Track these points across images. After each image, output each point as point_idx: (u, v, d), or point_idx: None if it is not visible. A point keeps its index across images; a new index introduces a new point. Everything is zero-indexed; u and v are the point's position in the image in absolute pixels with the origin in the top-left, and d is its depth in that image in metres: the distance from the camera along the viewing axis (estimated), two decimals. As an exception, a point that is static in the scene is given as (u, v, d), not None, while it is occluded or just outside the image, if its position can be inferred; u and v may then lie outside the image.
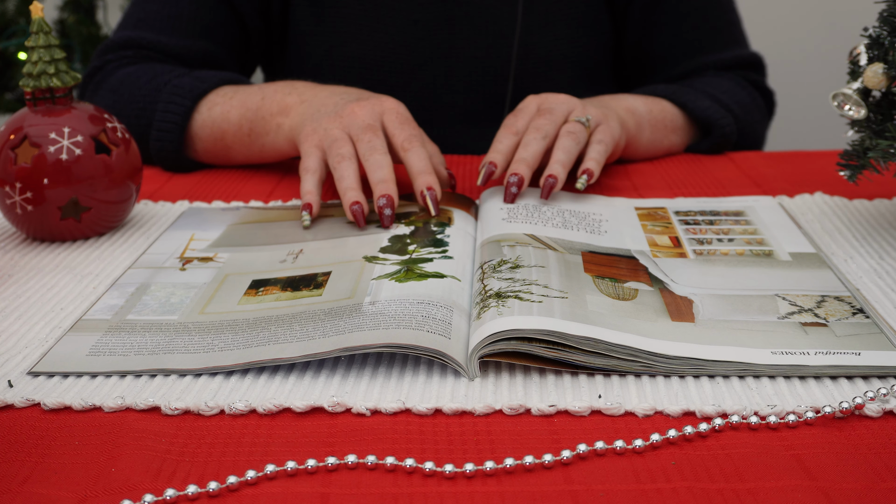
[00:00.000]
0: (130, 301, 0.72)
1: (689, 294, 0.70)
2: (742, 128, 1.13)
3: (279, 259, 0.79)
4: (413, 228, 0.83)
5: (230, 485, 0.51)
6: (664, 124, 1.09)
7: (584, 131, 0.92)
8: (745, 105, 1.15)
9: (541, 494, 0.50)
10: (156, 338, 0.67)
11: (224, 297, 0.73)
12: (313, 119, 0.93)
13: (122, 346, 0.66)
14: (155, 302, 0.72)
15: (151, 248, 0.83)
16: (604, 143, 0.93)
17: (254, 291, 0.73)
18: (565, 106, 0.94)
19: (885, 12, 0.78)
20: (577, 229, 0.82)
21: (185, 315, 0.70)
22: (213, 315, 0.70)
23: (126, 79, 1.10)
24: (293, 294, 0.72)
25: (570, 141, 0.90)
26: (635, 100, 1.08)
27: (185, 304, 0.72)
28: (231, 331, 0.67)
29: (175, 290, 0.74)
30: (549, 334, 0.61)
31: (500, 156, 0.90)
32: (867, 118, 0.79)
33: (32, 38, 0.85)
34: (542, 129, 0.91)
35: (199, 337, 0.66)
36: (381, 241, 0.80)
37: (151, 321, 0.69)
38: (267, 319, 0.68)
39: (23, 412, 0.59)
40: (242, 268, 0.78)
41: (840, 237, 0.83)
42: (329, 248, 0.81)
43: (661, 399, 0.59)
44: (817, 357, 0.61)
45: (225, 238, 0.85)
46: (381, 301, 0.67)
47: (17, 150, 0.83)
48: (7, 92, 2.19)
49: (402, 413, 0.58)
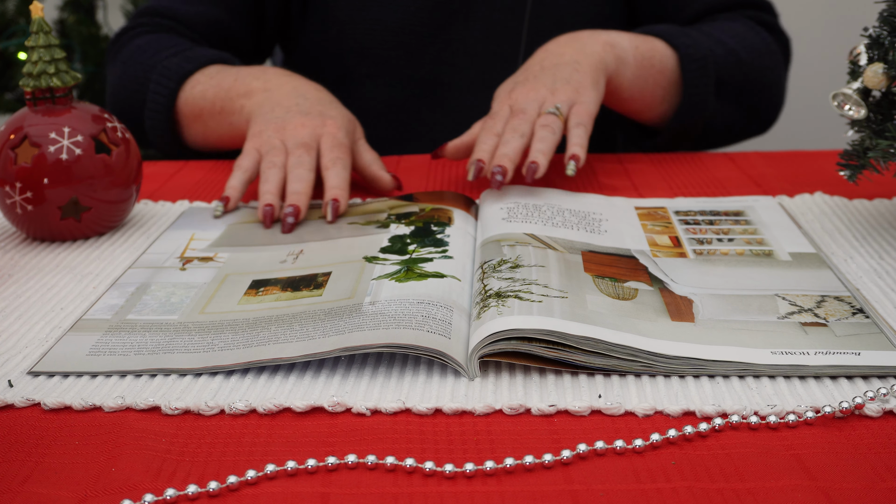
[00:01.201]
0: (130, 301, 0.72)
1: (689, 294, 0.70)
2: (752, 74, 1.11)
3: (279, 259, 0.79)
4: (413, 228, 0.83)
5: (230, 485, 0.51)
6: (651, 63, 1.04)
7: (557, 120, 0.93)
8: (757, 49, 1.12)
9: (541, 494, 0.50)
10: (156, 337, 0.66)
11: (224, 297, 0.73)
12: (263, 118, 0.97)
13: (122, 345, 0.66)
14: (155, 301, 0.72)
15: (151, 247, 0.83)
16: (582, 125, 0.94)
17: (254, 291, 0.73)
18: (535, 103, 0.95)
19: (885, 12, 0.78)
20: (576, 229, 0.82)
21: (185, 315, 0.70)
22: (213, 315, 0.70)
23: (134, 52, 1.15)
24: (293, 294, 0.72)
25: (546, 133, 0.92)
26: (620, 35, 1.04)
27: (186, 303, 0.72)
28: (231, 330, 0.67)
29: (175, 290, 0.74)
30: (548, 334, 0.61)
31: (486, 154, 0.92)
32: (867, 118, 0.79)
33: (32, 38, 0.85)
34: (519, 129, 0.93)
35: (199, 336, 0.66)
36: (382, 242, 0.80)
37: (151, 321, 0.69)
38: (267, 319, 0.68)
39: (23, 412, 0.59)
40: (243, 268, 0.78)
41: (840, 237, 0.83)
42: (329, 248, 0.81)
43: (661, 399, 0.59)
44: (817, 357, 0.61)
45: (225, 238, 0.85)
46: (381, 301, 0.67)
47: (17, 150, 0.83)
48: (7, 92, 2.19)
49: (402, 413, 0.58)
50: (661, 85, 1.07)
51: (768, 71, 1.15)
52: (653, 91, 1.06)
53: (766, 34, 1.16)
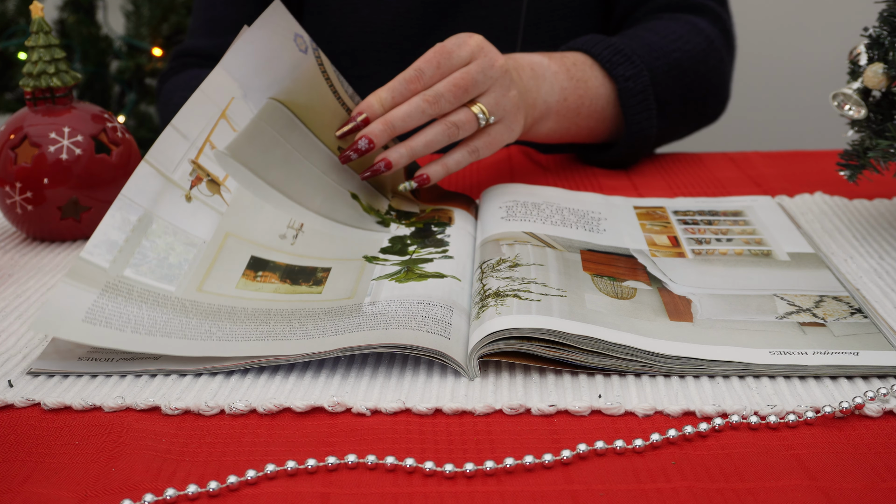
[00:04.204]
0: (131, 241, 0.70)
1: (688, 294, 0.70)
2: (696, 83, 1.08)
3: (279, 233, 0.78)
4: (414, 230, 0.83)
5: (230, 484, 0.51)
6: (578, 112, 1.01)
7: (472, 129, 0.88)
8: (700, 52, 1.09)
9: (541, 494, 0.50)
10: (153, 314, 0.66)
11: (222, 273, 0.72)
12: None
13: (119, 317, 0.65)
14: (153, 255, 0.70)
15: (179, 116, 0.77)
16: (477, 153, 0.89)
17: (252, 274, 0.73)
18: (484, 86, 0.88)
19: (885, 12, 0.78)
20: (575, 227, 0.82)
21: (182, 289, 0.69)
22: (210, 296, 0.69)
23: (167, 93, 1.21)
24: (292, 287, 0.72)
25: (441, 135, 0.87)
26: (551, 82, 0.99)
27: (183, 270, 0.70)
28: (230, 320, 0.67)
29: (175, 243, 0.72)
30: (547, 333, 0.61)
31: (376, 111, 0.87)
32: (867, 118, 0.79)
33: (32, 38, 0.85)
34: (439, 106, 0.86)
35: (196, 322, 0.66)
36: (382, 242, 0.80)
37: (148, 288, 0.68)
38: (265, 312, 0.68)
39: (23, 412, 0.59)
40: (243, 229, 0.76)
41: (840, 237, 0.83)
42: (329, 234, 0.80)
43: (661, 399, 0.59)
44: (815, 357, 0.61)
45: (244, 141, 0.80)
46: (381, 301, 0.67)
47: (17, 150, 0.84)
48: (7, 92, 2.18)
49: (402, 413, 0.58)
50: (588, 127, 1.03)
51: (712, 73, 1.11)
52: (577, 133, 1.03)
53: (708, 27, 1.13)
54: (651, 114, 1.03)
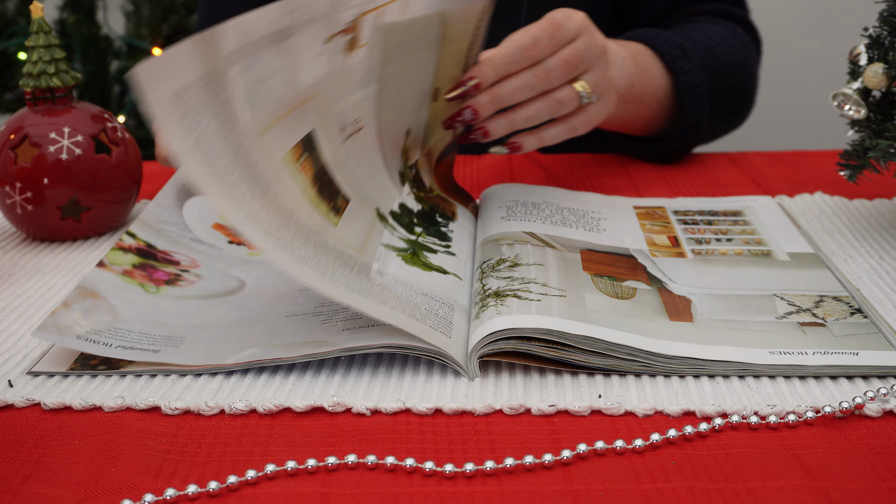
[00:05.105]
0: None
1: (688, 294, 0.70)
2: (738, 86, 1.09)
3: (344, 123, 0.73)
4: (420, 208, 0.81)
5: (230, 485, 0.51)
6: (641, 100, 1.02)
7: (573, 106, 0.89)
8: (741, 56, 1.10)
9: (541, 494, 0.50)
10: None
11: (285, 128, 0.65)
12: None
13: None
14: (264, 67, 0.64)
15: None
16: (574, 131, 0.90)
17: (299, 152, 0.67)
18: (588, 63, 0.88)
19: (885, 12, 0.78)
20: (575, 227, 0.82)
21: (254, 121, 0.62)
22: (261, 151, 0.62)
23: None
24: (316, 198, 0.67)
25: (543, 111, 0.87)
26: (623, 65, 0.99)
27: (268, 102, 0.64)
28: (262, 195, 0.61)
29: (282, 71, 0.65)
30: (547, 333, 0.61)
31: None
32: (867, 118, 0.79)
33: (32, 38, 0.85)
34: (548, 82, 0.86)
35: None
36: (392, 203, 0.78)
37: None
38: (289, 213, 0.62)
39: (23, 412, 0.59)
40: (329, 98, 0.71)
41: (840, 237, 0.83)
42: (366, 156, 0.76)
43: (661, 399, 0.59)
44: (815, 357, 0.61)
45: (411, 29, 0.76)
46: (389, 275, 0.67)
47: (17, 150, 0.84)
48: (7, 92, 2.19)
49: (402, 413, 0.58)
50: (647, 116, 1.04)
51: (750, 79, 1.14)
52: (636, 121, 1.04)
53: (744, 35, 1.15)
54: (704, 108, 1.05)
